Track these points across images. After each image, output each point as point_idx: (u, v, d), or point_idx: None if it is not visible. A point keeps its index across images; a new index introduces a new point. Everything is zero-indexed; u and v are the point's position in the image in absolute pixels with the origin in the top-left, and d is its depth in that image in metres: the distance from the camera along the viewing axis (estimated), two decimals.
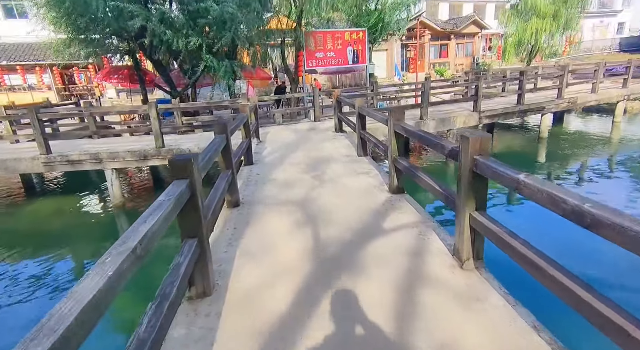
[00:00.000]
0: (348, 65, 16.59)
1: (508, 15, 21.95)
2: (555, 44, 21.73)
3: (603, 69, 11.47)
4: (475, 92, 9.82)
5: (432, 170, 9.79)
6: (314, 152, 6.69)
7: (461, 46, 28.94)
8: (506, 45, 21.97)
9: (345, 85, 24.68)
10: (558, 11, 20.71)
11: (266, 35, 14.95)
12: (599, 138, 11.88)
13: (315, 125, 9.85)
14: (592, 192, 7.71)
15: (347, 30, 15.81)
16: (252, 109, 7.60)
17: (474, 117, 9.88)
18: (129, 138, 9.43)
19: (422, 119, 9.34)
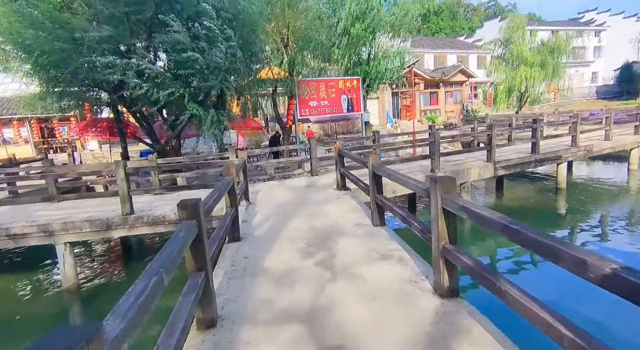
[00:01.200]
0: (343, 114, 15.90)
1: (496, 63, 22.21)
2: (545, 91, 21.82)
3: (614, 115, 10.84)
4: (488, 141, 8.87)
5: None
6: (316, 220, 5.36)
7: (450, 94, 29.23)
8: (497, 92, 21.97)
9: (338, 133, 24.09)
10: (545, 60, 21.04)
11: (257, 84, 14.33)
12: (618, 188, 10.93)
13: (313, 181, 8.63)
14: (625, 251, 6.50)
15: (341, 79, 15.30)
16: (241, 167, 6.37)
17: (488, 168, 8.83)
18: (104, 200, 8.00)
19: (434, 171, 8.23)
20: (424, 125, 27.33)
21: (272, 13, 13.62)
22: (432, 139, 8.05)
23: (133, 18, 9.37)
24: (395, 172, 4.02)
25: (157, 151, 12.69)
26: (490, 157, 8.90)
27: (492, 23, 46.22)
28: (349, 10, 14.06)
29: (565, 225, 8.86)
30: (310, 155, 9.26)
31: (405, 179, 3.56)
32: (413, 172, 8.43)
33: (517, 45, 21.21)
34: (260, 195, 7.47)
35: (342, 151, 6.96)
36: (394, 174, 4.00)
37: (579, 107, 29.15)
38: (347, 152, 6.53)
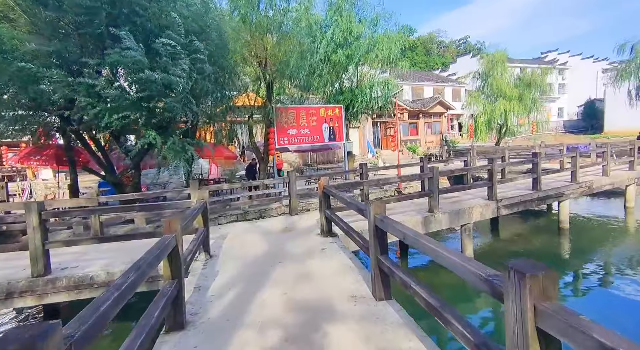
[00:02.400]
0: (324, 143, 14.79)
1: (475, 96, 22.13)
2: (525, 123, 21.80)
3: (612, 150, 10.23)
4: (489, 177, 7.84)
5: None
6: (296, 288, 3.91)
7: (428, 124, 29.07)
8: (477, 124, 21.73)
9: (318, 162, 22.96)
10: (522, 94, 21.11)
11: (232, 111, 13.11)
12: (619, 227, 10.13)
13: (293, 222, 7.21)
14: None
15: (323, 106, 14.29)
16: (200, 210, 4.91)
17: (490, 207, 7.75)
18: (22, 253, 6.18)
19: (433, 211, 7.03)
20: (405, 155, 26.76)
21: (251, 35, 12.68)
22: (429, 175, 6.91)
23: (83, 31, 8.03)
24: (417, 235, 2.68)
25: (112, 184, 10.98)
26: (491, 194, 7.84)
27: (465, 59, 48.00)
28: (331, 37, 13.31)
29: (575, 270, 7.79)
30: (288, 191, 7.89)
31: (445, 255, 2.21)
32: (408, 213, 7.20)
33: (497, 79, 21.26)
34: (226, 244, 5.95)
35: (329, 190, 5.65)
36: (416, 238, 2.66)
37: (551, 140, 29.63)
38: (336, 193, 5.21)
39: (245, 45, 12.87)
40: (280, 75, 12.50)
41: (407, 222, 6.72)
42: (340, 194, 5.09)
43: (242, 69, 12.62)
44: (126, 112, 7.91)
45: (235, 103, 13.10)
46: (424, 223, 6.88)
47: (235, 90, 12.90)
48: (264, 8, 11.94)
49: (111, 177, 10.27)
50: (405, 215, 7.07)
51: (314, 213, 8.04)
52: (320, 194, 6.05)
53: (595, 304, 6.43)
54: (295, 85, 13.28)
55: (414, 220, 6.81)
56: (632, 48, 20.26)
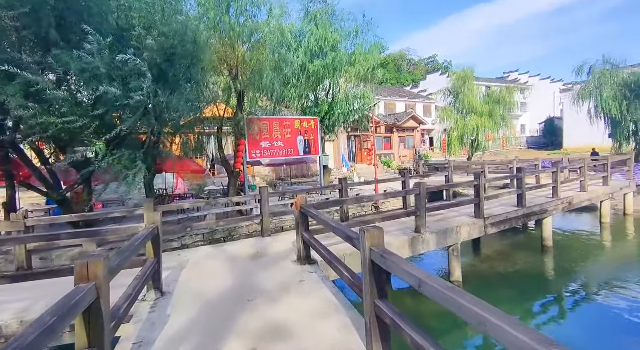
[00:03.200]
0: (298, 156, 14.02)
1: (447, 111, 22.32)
2: (496, 138, 22.17)
3: (588, 164, 10.14)
4: (475, 193, 7.34)
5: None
6: (269, 344, 3.03)
7: (402, 139, 29.13)
8: (450, 139, 21.84)
9: (292, 176, 22.11)
10: (492, 110, 21.51)
11: (200, 122, 12.13)
12: (599, 244, 9.97)
13: (265, 246, 6.29)
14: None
15: (298, 118, 13.58)
16: (147, 238, 3.94)
17: (477, 225, 7.21)
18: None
19: (420, 231, 6.37)
20: (379, 169, 26.48)
21: (221, 42, 11.85)
22: (416, 191, 6.27)
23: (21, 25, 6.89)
24: (446, 288, 1.90)
25: (55, 201, 9.58)
26: (478, 211, 7.33)
27: (434, 76, 49.43)
28: (307, 45, 12.73)
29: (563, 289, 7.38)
30: (260, 209, 6.98)
31: (504, 327, 1.42)
32: (392, 233, 6.50)
33: (467, 95, 21.58)
34: (184, 275, 4.94)
35: (307, 210, 4.84)
36: (445, 292, 1.87)
37: (519, 155, 30.35)
38: (317, 215, 4.39)
39: (215, 52, 12.03)
40: (252, 85, 11.68)
41: (393, 243, 6.02)
42: (321, 216, 4.29)
43: (212, 77, 11.71)
44: (70, 117, 6.80)
45: (204, 114, 12.16)
46: (411, 244, 6.20)
47: (205, 102, 11.98)
48: (234, 13, 11.19)
49: (54, 194, 8.93)
50: (390, 236, 6.37)
51: (289, 233, 7.18)
52: (296, 213, 5.22)
53: (583, 321, 6.03)
54: (269, 96, 12.48)
55: (400, 242, 6.11)
56: (589, 69, 21.26)
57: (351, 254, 5.41)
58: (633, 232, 10.57)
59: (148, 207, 5.73)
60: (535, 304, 6.86)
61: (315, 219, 4.52)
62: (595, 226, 11.15)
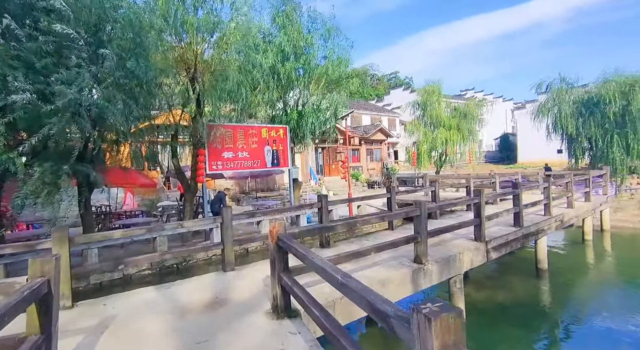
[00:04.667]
0: (266, 169, 12.53)
1: (416, 124, 21.95)
2: (463, 152, 22.08)
3: (573, 179, 9.65)
4: (476, 213, 6.31)
5: None
6: None
7: (370, 152, 28.52)
8: (420, 152, 21.40)
9: (257, 190, 20.42)
10: (460, 124, 21.42)
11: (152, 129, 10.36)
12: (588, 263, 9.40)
13: (226, 287, 4.73)
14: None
15: (265, 126, 12.14)
16: (27, 302, 2.33)
17: (480, 251, 6.16)
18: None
19: (421, 262, 5.16)
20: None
21: (177, 37, 10.25)
22: (416, 212, 5.08)
23: None
24: None
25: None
26: (479, 234, 6.30)
27: (397, 91, 50.25)
28: (279, 46, 11.44)
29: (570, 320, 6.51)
30: (221, 236, 5.42)
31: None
32: (387, 263, 5.24)
33: (435, 109, 21.37)
34: (101, 346, 3.29)
35: (291, 245, 3.42)
36: None
37: (476, 169, 30.91)
38: (312, 259, 2.93)
39: (169, 49, 10.38)
40: (214, 88, 10.10)
41: (392, 279, 4.75)
42: (319, 260, 2.86)
43: (166, 78, 10.00)
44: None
45: (158, 119, 10.41)
46: (413, 279, 4.96)
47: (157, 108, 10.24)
48: (191, 5, 9.68)
49: None
50: (384, 267, 5.10)
51: (257, 265, 5.67)
52: (272, 247, 3.79)
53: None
54: (234, 102, 10.93)
55: (400, 276, 4.86)
56: (547, 87, 21.93)
57: (342, 301, 4.04)
58: (617, 251, 10.19)
59: (60, 238, 4.03)
60: (543, 342, 5.90)
61: (305, 262, 3.09)
62: (578, 244, 10.69)
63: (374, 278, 4.66)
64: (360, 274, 4.76)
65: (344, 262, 4.38)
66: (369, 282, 4.43)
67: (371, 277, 4.67)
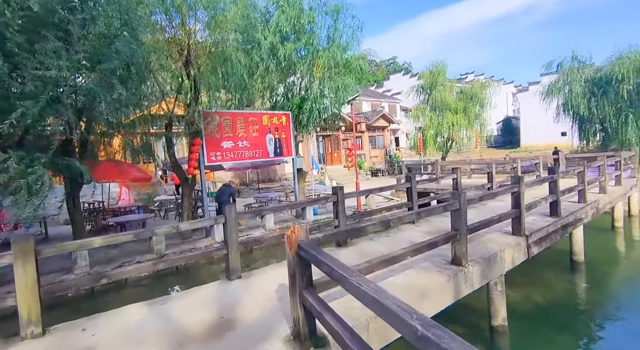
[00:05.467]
0: (268, 159, 11.64)
1: (421, 109, 20.97)
2: (470, 137, 21.19)
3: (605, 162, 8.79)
4: (514, 204, 5.48)
5: None
6: None
7: (372, 139, 27.58)
8: (426, 137, 20.48)
9: (257, 181, 19.55)
10: (466, 107, 20.45)
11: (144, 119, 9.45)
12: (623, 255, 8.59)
13: (232, 302, 3.91)
14: None
15: (266, 113, 11.19)
16: None
17: (521, 247, 5.36)
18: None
19: (460, 264, 4.35)
20: (351, 171, 24.65)
21: (168, 15, 9.25)
22: (454, 205, 4.24)
23: None
24: None
25: None
26: (519, 227, 5.48)
27: (397, 76, 48.94)
28: (276, 26, 10.41)
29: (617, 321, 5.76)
30: (225, 239, 4.58)
31: None
32: (418, 266, 4.42)
33: (441, 92, 20.36)
34: None
35: (315, 255, 2.58)
36: None
37: (483, 154, 29.90)
38: (326, 260, 2.10)
39: (160, 30, 9.37)
40: (210, 73, 9.13)
41: (430, 286, 3.93)
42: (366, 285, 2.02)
43: (157, 62, 8.98)
44: None
45: (151, 110, 9.48)
46: (454, 285, 4.15)
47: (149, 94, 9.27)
48: None
49: None
50: (418, 271, 4.29)
51: (267, 272, 4.85)
52: (290, 257, 2.95)
53: None
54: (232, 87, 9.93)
55: (440, 282, 4.04)
56: (558, 65, 20.90)
57: (377, 320, 3.21)
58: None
59: (22, 251, 3.18)
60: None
61: (348, 287, 2.23)
62: (607, 232, 9.88)
63: (411, 287, 3.84)
64: (391, 282, 3.95)
65: (377, 271, 3.55)
66: (408, 294, 3.62)
67: (407, 286, 3.85)
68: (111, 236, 3.89)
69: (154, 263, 4.02)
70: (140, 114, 8.98)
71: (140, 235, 3.98)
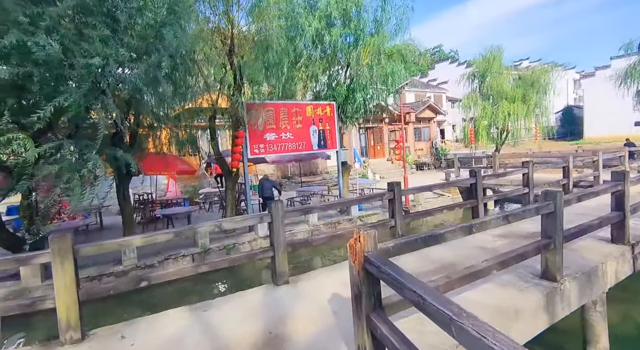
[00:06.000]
0: (312, 151, 11.15)
1: (473, 98, 19.32)
2: (529, 128, 19.26)
3: None
4: (616, 205, 4.46)
5: None
6: None
7: (418, 131, 26.18)
8: (478, 129, 18.88)
9: (300, 174, 19.25)
10: (526, 94, 18.51)
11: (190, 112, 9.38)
12: None
13: (281, 314, 3.41)
14: None
15: (310, 103, 10.67)
16: None
17: (625, 258, 4.35)
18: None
19: (554, 279, 3.51)
20: (395, 165, 23.58)
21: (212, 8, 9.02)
22: (549, 207, 3.39)
23: None
24: None
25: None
26: (622, 234, 4.46)
27: (444, 65, 46.34)
28: (326, 8, 9.74)
29: None
30: (271, 240, 4.12)
31: None
32: (500, 280, 3.63)
33: (496, 79, 18.58)
34: None
35: (396, 277, 1.97)
36: None
37: (540, 146, 27.04)
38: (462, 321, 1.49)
39: (205, 20, 9.17)
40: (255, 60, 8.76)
41: (522, 307, 3.16)
42: (461, 319, 1.40)
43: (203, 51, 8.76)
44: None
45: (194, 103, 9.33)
46: (549, 306, 3.33)
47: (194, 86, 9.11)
48: None
49: None
50: (502, 287, 3.52)
51: (317, 278, 4.32)
52: (354, 271, 2.36)
53: None
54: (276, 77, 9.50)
55: (530, 303, 3.25)
56: (639, 46, 18.21)
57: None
58: None
59: (60, 250, 2.89)
60: None
61: (423, 308, 1.60)
62: None
63: (493, 306, 3.12)
64: (467, 298, 3.23)
65: (457, 287, 2.87)
66: (491, 316, 2.89)
67: (489, 306, 3.13)
68: (150, 235, 3.55)
69: (196, 265, 3.64)
70: (185, 106, 8.88)
71: (181, 234, 3.61)
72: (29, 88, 5.00)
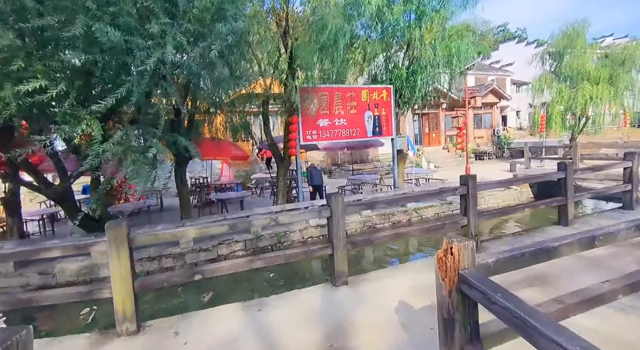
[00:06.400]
0: (366, 139, 10.56)
1: (547, 79, 17.10)
2: (617, 113, 16.69)
3: None
4: None
5: None
6: None
7: (478, 117, 24.12)
8: (551, 114, 16.75)
9: (351, 162, 18.74)
10: (614, 75, 15.93)
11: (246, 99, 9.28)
12: None
13: (342, 320, 3.03)
14: None
15: (365, 87, 10.01)
16: None
17: None
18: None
19: None
20: (451, 153, 22.05)
21: None
22: None
23: None
24: None
25: (52, 198, 7.28)
26: None
27: (509, 45, 42.21)
28: None
29: None
30: (329, 234, 3.73)
31: None
32: (621, 302, 2.90)
33: (577, 58, 16.19)
34: None
35: (506, 306, 1.44)
36: None
37: (629, 135, 23.08)
38: None
39: (259, 2, 8.86)
40: (309, 42, 8.33)
41: None
42: None
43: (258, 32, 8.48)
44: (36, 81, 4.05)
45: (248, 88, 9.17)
46: None
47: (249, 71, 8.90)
48: None
49: (45, 189, 6.52)
50: (615, 310, 2.78)
51: (379, 280, 3.87)
52: (445, 289, 1.86)
53: None
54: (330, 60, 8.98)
55: None
56: None
57: None
58: None
59: (116, 238, 2.75)
60: None
61: (531, 338, 1.09)
62: None
63: (620, 340, 2.43)
64: (580, 324, 2.56)
65: (572, 315, 2.24)
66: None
67: (611, 337, 2.45)
68: (204, 227, 3.36)
69: (250, 260, 3.37)
70: (239, 92, 8.76)
71: (235, 228, 3.36)
72: (94, 73, 5.07)
